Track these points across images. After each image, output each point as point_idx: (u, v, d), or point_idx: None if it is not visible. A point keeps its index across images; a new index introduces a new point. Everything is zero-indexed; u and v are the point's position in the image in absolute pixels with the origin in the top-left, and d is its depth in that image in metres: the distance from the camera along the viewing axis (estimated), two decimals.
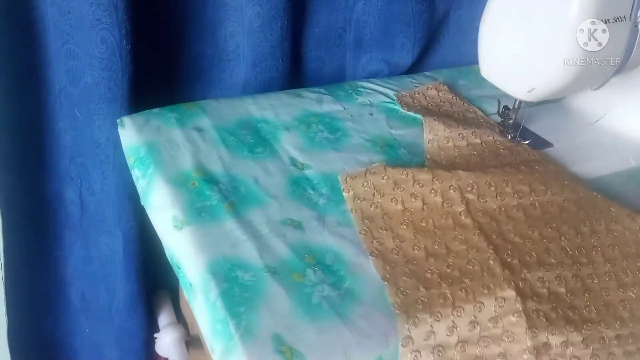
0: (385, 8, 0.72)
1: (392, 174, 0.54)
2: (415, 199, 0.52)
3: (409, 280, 0.45)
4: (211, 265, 0.45)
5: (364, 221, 0.50)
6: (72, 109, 0.67)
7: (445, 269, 0.47)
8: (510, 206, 0.53)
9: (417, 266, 0.47)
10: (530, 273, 0.47)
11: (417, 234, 0.49)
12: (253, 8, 0.65)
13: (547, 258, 0.49)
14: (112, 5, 0.56)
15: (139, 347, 0.80)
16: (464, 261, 0.47)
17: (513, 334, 0.44)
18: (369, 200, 0.52)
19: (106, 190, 0.69)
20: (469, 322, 0.44)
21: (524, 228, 0.51)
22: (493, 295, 0.45)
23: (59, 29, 0.61)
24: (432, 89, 0.71)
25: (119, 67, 0.60)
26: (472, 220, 0.51)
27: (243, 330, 0.41)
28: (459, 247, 0.49)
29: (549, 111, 0.70)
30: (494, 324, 0.44)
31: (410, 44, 0.74)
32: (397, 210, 0.51)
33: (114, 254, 0.73)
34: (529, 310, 0.44)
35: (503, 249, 0.49)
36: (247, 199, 0.52)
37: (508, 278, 0.46)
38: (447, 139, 0.61)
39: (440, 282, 0.46)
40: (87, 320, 0.83)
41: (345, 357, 0.40)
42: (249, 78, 0.70)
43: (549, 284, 0.47)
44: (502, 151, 0.61)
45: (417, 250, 0.48)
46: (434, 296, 0.45)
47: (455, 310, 0.44)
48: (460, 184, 0.53)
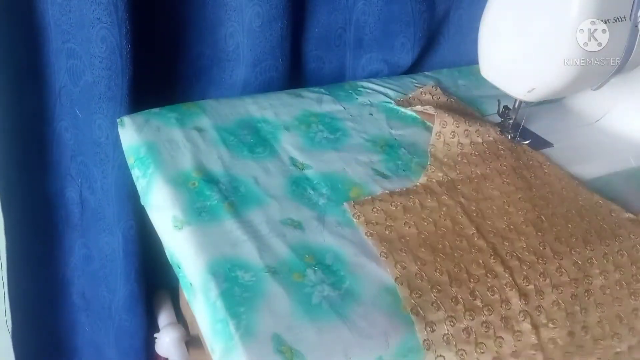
0: (385, 8, 0.72)
1: (399, 200, 0.54)
2: (427, 223, 0.52)
3: (436, 312, 0.45)
4: (211, 265, 0.45)
5: (383, 244, 0.49)
6: (73, 107, 0.67)
7: (468, 296, 0.46)
8: (518, 223, 0.53)
9: (442, 293, 0.46)
10: (544, 299, 0.47)
11: (437, 257, 0.49)
12: (253, 8, 0.65)
13: (560, 278, 0.49)
14: (112, 4, 0.56)
15: (139, 347, 0.80)
16: (484, 288, 0.47)
17: None
18: (382, 225, 0.51)
19: (106, 190, 0.69)
20: (492, 358, 0.44)
21: (536, 245, 0.51)
22: (511, 330, 0.45)
23: (60, 28, 0.61)
24: (426, 94, 0.71)
25: (119, 66, 0.60)
26: (485, 242, 0.51)
27: (243, 330, 0.41)
28: (477, 271, 0.48)
29: (549, 111, 0.70)
30: (515, 358, 0.45)
31: (410, 44, 0.74)
32: (412, 233, 0.51)
33: (114, 253, 0.73)
34: (544, 341, 0.45)
35: (519, 273, 0.49)
36: (247, 199, 0.52)
37: (524, 310, 0.46)
38: (453, 134, 0.62)
39: (464, 314, 0.45)
40: (88, 319, 0.83)
41: (345, 357, 0.40)
42: (249, 78, 0.70)
43: (565, 305, 0.47)
44: (502, 152, 0.61)
45: (440, 274, 0.48)
46: (459, 331, 0.45)
47: (478, 347, 0.44)
48: (465, 210, 0.53)
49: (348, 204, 0.53)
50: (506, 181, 0.57)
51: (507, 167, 0.59)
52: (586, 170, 0.60)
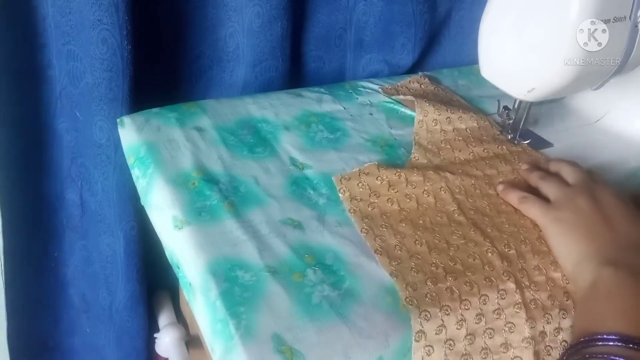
0: (386, 9, 0.72)
1: (386, 174, 0.55)
2: (409, 199, 0.54)
3: (417, 275, 0.46)
4: (211, 265, 0.45)
5: (364, 220, 0.51)
6: (73, 109, 0.67)
7: (448, 262, 0.48)
8: (498, 203, 0.54)
9: (421, 260, 0.48)
10: (526, 263, 0.49)
11: (417, 231, 0.51)
12: (253, 8, 0.65)
13: (540, 246, 0.50)
14: (113, 5, 0.56)
15: (139, 347, 0.80)
16: (465, 255, 0.49)
17: (514, 325, 0.45)
18: (366, 201, 0.53)
19: (107, 191, 0.69)
20: (475, 315, 0.45)
21: (516, 218, 0.53)
22: (495, 288, 0.46)
23: (60, 30, 0.61)
24: (414, 82, 0.72)
25: (119, 67, 0.59)
26: (465, 218, 0.52)
27: (243, 330, 0.41)
28: (458, 241, 0.50)
29: (549, 111, 0.70)
30: (497, 315, 0.45)
31: (411, 45, 0.74)
32: (394, 209, 0.53)
33: (114, 255, 0.73)
34: (527, 301, 0.46)
35: (499, 241, 0.50)
36: (247, 198, 0.52)
37: (507, 270, 0.48)
38: (435, 122, 0.63)
39: (445, 276, 0.47)
40: (88, 320, 0.83)
41: (345, 357, 0.40)
42: (249, 78, 0.70)
43: (546, 270, 0.48)
44: (485, 137, 0.63)
45: (419, 245, 0.49)
46: (442, 290, 0.46)
47: (462, 303, 0.45)
48: (449, 185, 0.55)
49: (336, 178, 0.55)
50: (489, 164, 0.59)
51: (490, 152, 0.61)
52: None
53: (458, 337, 0.44)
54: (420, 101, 0.65)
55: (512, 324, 0.45)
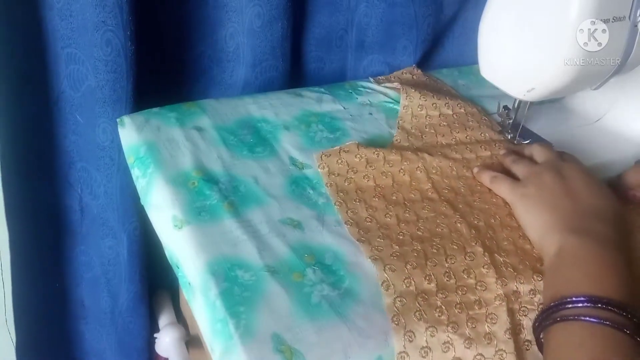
0: (388, 10, 0.72)
1: (365, 152, 0.57)
2: (385, 177, 0.56)
3: (383, 240, 0.49)
4: (211, 265, 0.45)
5: (339, 194, 0.54)
6: (71, 113, 0.67)
7: (415, 231, 0.50)
8: (473, 184, 0.56)
9: (389, 230, 0.50)
10: (495, 234, 0.50)
11: (389, 205, 0.53)
12: (253, 8, 0.65)
13: (510, 222, 0.52)
14: (117, 6, 0.56)
15: (140, 348, 0.80)
16: (433, 225, 0.51)
17: (485, 283, 0.46)
18: (343, 176, 0.55)
19: (110, 193, 0.69)
20: (444, 273, 0.47)
21: (488, 197, 0.54)
22: (462, 251, 0.48)
23: (58, 33, 0.61)
24: (406, 73, 0.74)
25: (124, 68, 0.59)
26: (438, 195, 0.55)
27: (243, 330, 0.41)
28: (427, 214, 0.52)
29: (549, 111, 0.70)
30: (467, 274, 0.47)
31: (413, 47, 0.74)
32: (369, 185, 0.55)
33: (117, 257, 0.73)
34: (497, 263, 0.48)
35: (469, 214, 0.52)
36: (246, 198, 0.52)
37: (475, 237, 0.49)
38: (421, 107, 0.65)
39: (412, 241, 0.49)
40: (87, 326, 0.83)
41: (345, 356, 0.40)
42: (249, 78, 0.70)
43: (515, 241, 0.50)
44: (470, 123, 0.64)
45: (389, 218, 0.52)
46: (407, 251, 0.48)
47: (428, 260, 0.47)
48: (426, 166, 0.57)
49: (317, 154, 0.57)
50: (469, 148, 0.60)
51: (472, 138, 0.62)
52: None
53: (430, 290, 0.45)
54: (407, 87, 0.67)
55: (484, 283, 0.46)
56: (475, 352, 0.43)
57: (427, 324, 0.44)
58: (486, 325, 0.45)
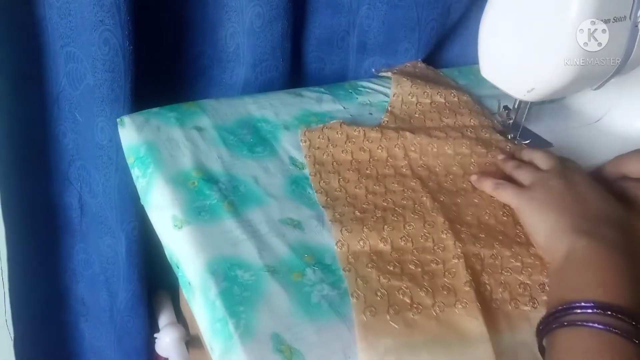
0: (390, 13, 0.72)
1: (347, 130, 0.59)
2: (363, 152, 0.58)
3: (347, 207, 0.51)
4: (210, 265, 0.45)
5: (315, 165, 0.56)
6: (71, 111, 0.67)
7: (381, 202, 0.52)
8: (449, 164, 0.58)
9: (356, 200, 0.53)
10: (459, 210, 0.51)
11: (361, 178, 0.55)
12: (254, 9, 0.65)
13: (476, 202, 0.53)
14: (114, 6, 0.56)
15: (139, 347, 0.80)
16: (399, 198, 0.53)
17: (443, 246, 0.48)
18: (322, 150, 0.58)
19: (108, 192, 0.69)
20: (400, 237, 0.48)
21: (459, 181, 0.56)
22: (422, 219, 0.50)
23: (58, 32, 0.61)
24: (409, 67, 0.75)
25: (121, 68, 0.59)
26: (412, 172, 0.56)
27: (242, 330, 0.41)
28: (396, 188, 0.54)
29: (549, 111, 0.70)
30: (425, 239, 0.49)
31: (415, 50, 0.74)
32: (346, 159, 0.57)
33: (116, 256, 0.73)
34: (458, 232, 0.49)
35: (437, 191, 0.54)
36: (246, 198, 0.52)
37: (438, 209, 0.51)
38: (412, 95, 0.66)
39: (374, 210, 0.51)
40: (87, 324, 0.83)
41: (345, 356, 0.40)
42: (250, 78, 0.70)
43: (479, 217, 0.51)
44: (461, 110, 0.65)
45: (358, 189, 0.54)
46: (367, 217, 0.50)
47: (386, 225, 0.49)
48: (405, 144, 0.58)
49: (301, 130, 0.60)
50: (454, 128, 0.62)
51: (460, 123, 0.63)
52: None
53: (384, 251, 0.47)
54: (398, 76, 0.69)
55: (442, 245, 0.48)
56: (433, 301, 0.44)
57: (380, 272, 0.45)
58: (444, 279, 0.45)
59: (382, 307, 0.43)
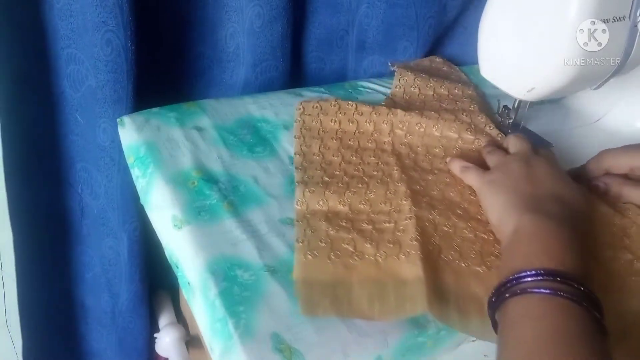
0: (389, 12, 0.72)
1: (340, 102, 0.62)
2: (351, 123, 0.60)
3: (318, 171, 0.54)
4: (210, 265, 0.45)
5: (302, 130, 0.59)
6: (72, 113, 0.67)
7: (352, 171, 0.54)
8: (432, 145, 0.58)
9: (330, 166, 0.55)
10: (427, 185, 0.53)
11: (342, 147, 0.57)
12: (254, 9, 0.65)
13: (447, 180, 0.54)
14: (117, 7, 0.56)
15: (140, 348, 0.80)
16: (371, 168, 0.55)
17: (400, 210, 0.50)
18: (312, 116, 0.60)
19: (111, 194, 0.69)
20: (360, 201, 0.51)
21: (437, 162, 0.57)
22: (386, 187, 0.52)
23: (58, 34, 0.61)
24: (425, 61, 0.76)
25: (124, 68, 0.59)
26: (392, 148, 0.58)
27: (242, 329, 0.41)
28: (372, 160, 0.56)
29: (549, 111, 0.70)
30: (383, 204, 0.51)
31: (413, 48, 0.74)
32: (333, 128, 0.60)
33: (117, 257, 0.73)
34: (418, 201, 0.51)
35: (410, 168, 0.55)
36: (246, 198, 0.52)
37: (404, 180, 0.53)
38: (415, 86, 0.68)
39: (343, 177, 0.53)
40: (89, 326, 0.83)
41: (344, 356, 0.40)
42: (250, 78, 0.70)
43: (444, 192, 0.53)
44: (464, 100, 0.66)
45: (335, 157, 0.56)
46: (334, 182, 0.52)
47: (349, 190, 0.51)
48: (394, 120, 0.59)
49: (297, 104, 0.62)
50: (448, 111, 0.62)
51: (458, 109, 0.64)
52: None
53: (341, 211, 0.50)
54: (402, 69, 0.70)
55: (399, 210, 0.50)
56: (376, 251, 0.46)
57: (330, 225, 0.48)
58: (392, 235, 0.47)
59: (324, 251, 0.46)
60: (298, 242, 0.46)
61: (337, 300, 0.42)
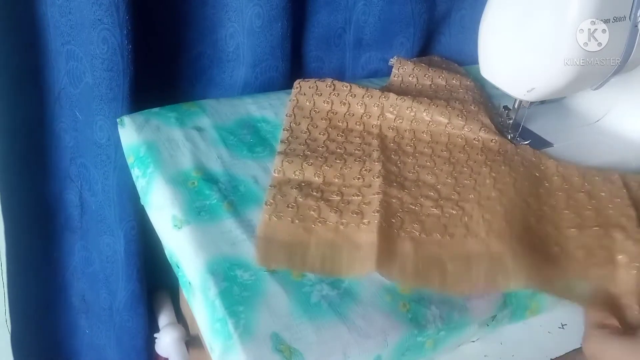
0: (385, 8, 0.72)
1: (336, 83, 0.64)
2: (343, 105, 0.62)
3: (301, 146, 0.56)
4: (210, 264, 0.45)
5: (294, 109, 0.61)
6: (72, 109, 0.67)
7: (335, 148, 0.56)
8: (420, 130, 0.60)
9: (315, 142, 0.57)
10: (405, 167, 0.55)
11: (330, 127, 0.59)
12: (253, 9, 0.65)
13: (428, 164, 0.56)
14: (113, 5, 0.56)
15: (139, 347, 0.80)
16: (353, 147, 0.57)
17: (370, 185, 0.52)
18: (306, 96, 0.62)
19: (107, 191, 0.69)
20: (334, 175, 0.53)
21: (421, 146, 0.58)
22: (362, 165, 0.54)
23: (59, 30, 0.61)
24: (425, 60, 0.76)
25: (120, 67, 0.59)
26: (379, 131, 0.59)
27: (242, 329, 0.41)
28: (355, 140, 0.58)
29: (549, 111, 0.70)
30: (356, 180, 0.52)
31: (410, 44, 0.75)
32: (325, 108, 0.62)
33: (115, 254, 0.73)
34: (390, 180, 0.52)
35: (392, 151, 0.57)
36: (246, 198, 0.52)
37: (381, 160, 0.54)
38: (413, 76, 0.69)
39: (324, 153, 0.55)
40: (87, 321, 0.83)
41: (344, 356, 0.40)
42: (249, 78, 0.70)
43: (420, 174, 0.54)
44: (460, 90, 0.67)
45: (321, 135, 0.58)
46: (314, 156, 0.54)
47: (326, 164, 0.53)
48: (385, 103, 0.60)
49: (295, 82, 0.64)
50: (441, 98, 0.63)
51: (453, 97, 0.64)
52: None
53: (314, 182, 0.52)
54: (401, 59, 0.71)
55: (369, 185, 0.51)
56: (339, 219, 0.48)
57: (300, 193, 0.50)
58: (358, 205, 0.49)
59: (289, 214, 0.48)
60: (266, 204, 0.49)
61: (293, 257, 0.45)
